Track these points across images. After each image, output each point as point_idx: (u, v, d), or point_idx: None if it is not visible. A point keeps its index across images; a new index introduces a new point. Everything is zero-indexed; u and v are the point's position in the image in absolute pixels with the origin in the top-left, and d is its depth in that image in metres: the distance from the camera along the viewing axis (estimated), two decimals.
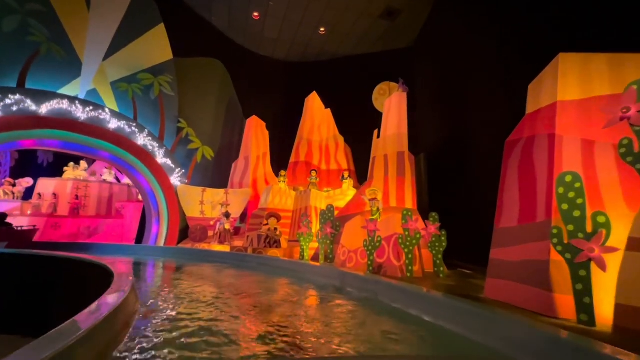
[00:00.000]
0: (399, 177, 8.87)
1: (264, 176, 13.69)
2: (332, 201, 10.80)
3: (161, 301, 4.09)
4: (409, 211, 6.62)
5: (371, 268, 6.55)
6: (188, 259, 9.44)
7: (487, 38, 8.54)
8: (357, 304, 4.20)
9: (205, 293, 4.57)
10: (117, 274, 4.27)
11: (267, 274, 6.85)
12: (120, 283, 3.65)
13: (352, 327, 3.22)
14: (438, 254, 6.55)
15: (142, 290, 4.69)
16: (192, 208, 12.33)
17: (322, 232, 7.75)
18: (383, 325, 3.36)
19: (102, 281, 4.09)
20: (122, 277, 4.05)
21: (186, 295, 4.39)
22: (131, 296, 3.34)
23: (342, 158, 13.51)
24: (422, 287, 4.32)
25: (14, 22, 9.05)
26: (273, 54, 17.91)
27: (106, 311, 2.30)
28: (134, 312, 3.25)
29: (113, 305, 2.51)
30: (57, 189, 15.82)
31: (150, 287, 5.22)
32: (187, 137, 13.35)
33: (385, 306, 4.08)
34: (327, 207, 8.49)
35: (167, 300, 4.17)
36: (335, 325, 3.25)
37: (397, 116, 9.56)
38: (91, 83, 10.95)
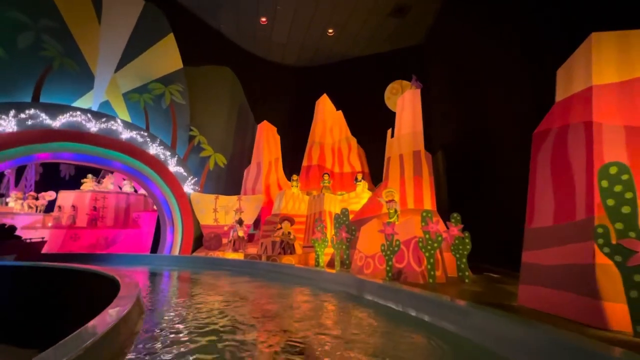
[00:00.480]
0: (416, 177, 8.48)
1: (276, 181, 13.52)
2: (346, 205, 10.48)
3: (172, 314, 3.88)
4: (429, 212, 6.23)
5: (390, 274, 6.18)
6: (202, 268, 9.30)
7: (504, 25, 8.09)
8: (377, 315, 3.87)
9: (220, 308, 4.34)
10: (122, 285, 4.13)
11: (283, 283, 6.59)
12: (124, 295, 3.51)
13: (377, 343, 2.89)
14: (462, 258, 6.12)
15: (154, 304, 4.51)
16: (205, 216, 12.26)
17: (337, 237, 7.44)
18: (407, 339, 3.03)
19: (108, 292, 3.98)
20: (127, 288, 3.89)
21: (198, 308, 4.17)
22: (135, 309, 3.19)
23: (355, 160, 13.19)
24: (447, 296, 3.95)
25: (28, 39, 9.25)
26: (282, 59, 17.83)
27: (107, 325, 2.22)
28: (137, 326, 3.12)
29: (115, 319, 2.42)
30: (76, 201, 16.14)
31: (162, 300, 5.03)
32: (199, 145, 13.36)
33: (409, 317, 3.73)
34: (342, 210, 8.19)
35: (178, 313, 3.96)
36: (356, 340, 2.94)
37: (411, 114, 9.18)
38: (104, 95, 11.09)
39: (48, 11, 9.79)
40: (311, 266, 8.58)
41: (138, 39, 12.00)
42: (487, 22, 9.04)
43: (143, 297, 4.77)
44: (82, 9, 10.66)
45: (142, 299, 4.28)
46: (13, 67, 8.90)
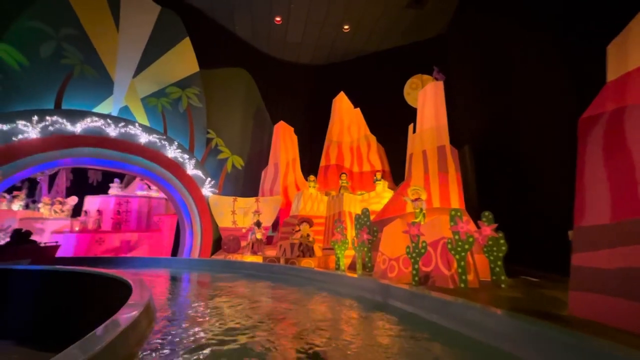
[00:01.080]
0: (441, 174, 7.97)
1: (294, 182, 13.27)
2: (367, 205, 10.07)
3: (185, 320, 3.64)
4: (458, 211, 5.75)
5: (417, 278, 5.74)
6: (221, 271, 9.14)
7: (532, 7, 7.45)
8: (404, 325, 3.47)
9: (236, 315, 4.07)
10: (134, 289, 3.97)
11: (302, 287, 6.27)
12: (134, 301, 3.36)
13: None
14: (497, 260, 5.59)
15: (168, 309, 4.30)
16: (224, 218, 12.17)
17: (359, 239, 7.05)
18: (443, 356, 2.62)
19: (121, 297, 3.89)
20: (138, 294, 3.72)
21: (213, 315, 3.92)
22: (145, 315, 3.06)
23: (375, 158, 12.73)
24: (485, 305, 3.48)
25: (50, 48, 9.47)
26: (298, 58, 17.62)
27: (114, 332, 2.19)
28: (146, 332, 3.00)
29: (123, 325, 2.38)
30: (101, 205, 16.57)
31: (176, 305, 4.83)
32: (217, 148, 13.32)
33: (442, 328, 3.31)
34: (362, 211, 7.81)
35: (192, 319, 3.72)
36: (380, 354, 2.57)
37: (434, 107, 8.68)
38: (123, 100, 11.23)
39: (69, 20, 10.00)
40: (331, 269, 8.23)
41: (155, 44, 12.11)
42: (514, 6, 8.40)
43: (159, 302, 4.59)
44: (101, 17, 10.85)
45: (152, 305, 4.09)
46: (36, 75, 9.12)
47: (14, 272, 7.10)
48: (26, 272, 6.20)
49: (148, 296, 3.81)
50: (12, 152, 7.93)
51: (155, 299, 4.97)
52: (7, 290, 7.54)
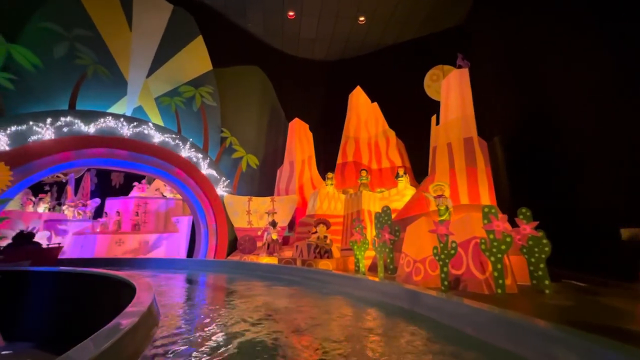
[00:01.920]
0: (469, 168, 7.33)
1: (310, 181, 12.85)
2: (387, 203, 9.53)
3: (189, 324, 3.27)
4: (492, 208, 5.14)
5: (446, 283, 5.17)
6: (236, 273, 8.84)
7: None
8: (438, 340, 2.95)
9: (248, 320, 3.67)
10: (137, 292, 3.80)
11: (319, 291, 5.83)
12: (135, 305, 3.18)
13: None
14: (539, 263, 4.94)
15: (178, 316, 3.96)
16: (239, 218, 11.90)
17: (380, 239, 6.52)
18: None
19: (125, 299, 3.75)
20: (140, 298, 3.51)
21: (224, 321, 3.53)
22: (146, 320, 2.91)
23: (394, 154, 12.12)
24: (538, 319, 2.91)
25: (63, 48, 9.47)
26: (312, 54, 17.20)
27: (112, 338, 2.10)
28: (147, 338, 2.89)
29: (122, 330, 2.27)
30: (121, 207, 16.75)
31: (188, 310, 4.49)
32: (231, 147, 13.09)
33: (482, 345, 2.77)
34: (383, 209, 7.27)
35: (200, 323, 3.35)
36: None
37: (459, 96, 8.04)
38: (137, 100, 11.16)
39: (81, 21, 10.00)
40: (350, 272, 7.75)
41: (168, 43, 12.01)
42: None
43: (166, 309, 4.28)
44: (113, 17, 10.81)
45: (155, 309, 3.77)
46: (50, 76, 9.13)
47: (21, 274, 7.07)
48: (27, 274, 6.09)
49: (149, 302, 3.50)
50: (27, 154, 7.91)
51: (164, 304, 4.67)
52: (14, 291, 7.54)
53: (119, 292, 4.93)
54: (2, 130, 7.68)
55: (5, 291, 8.25)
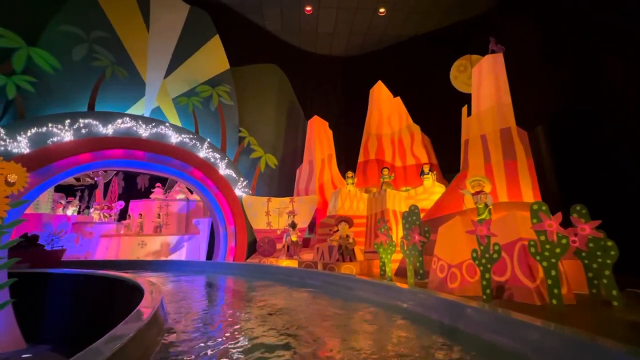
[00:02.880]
0: (507, 162, 6.59)
1: (330, 180, 12.35)
2: (414, 202, 8.89)
3: (200, 334, 2.86)
4: (542, 205, 4.44)
5: (488, 291, 4.51)
6: (255, 276, 8.47)
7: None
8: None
9: (273, 338, 3.22)
10: (146, 294, 3.71)
11: (344, 298, 5.32)
12: (140, 312, 3.00)
13: None
14: (604, 269, 4.20)
15: (188, 324, 3.57)
16: (258, 220, 11.58)
17: (409, 241, 5.91)
18: None
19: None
20: (146, 303, 3.35)
21: (237, 332, 3.10)
22: (150, 327, 2.72)
23: (420, 151, 11.40)
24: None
25: (82, 51, 9.49)
26: (331, 50, 16.73)
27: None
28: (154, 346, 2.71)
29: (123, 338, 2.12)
30: (143, 209, 16.95)
31: (200, 318, 4.10)
32: (249, 146, 12.82)
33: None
34: (410, 208, 6.64)
35: (211, 333, 2.93)
36: None
37: (493, 84, 7.30)
38: (155, 101, 11.10)
39: (99, 23, 10.02)
40: (375, 276, 7.19)
41: (185, 43, 11.90)
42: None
43: (178, 315, 3.91)
44: (131, 19, 10.80)
45: (162, 315, 3.41)
46: (69, 78, 9.16)
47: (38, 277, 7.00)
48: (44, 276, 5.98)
49: (155, 306, 3.18)
50: (47, 156, 7.91)
51: (175, 310, 4.32)
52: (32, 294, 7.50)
53: (132, 296, 4.68)
54: (23, 132, 7.71)
55: (25, 293, 8.32)
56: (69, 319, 7.83)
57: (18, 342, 7.75)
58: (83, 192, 22.94)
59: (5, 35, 7.91)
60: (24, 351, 7.56)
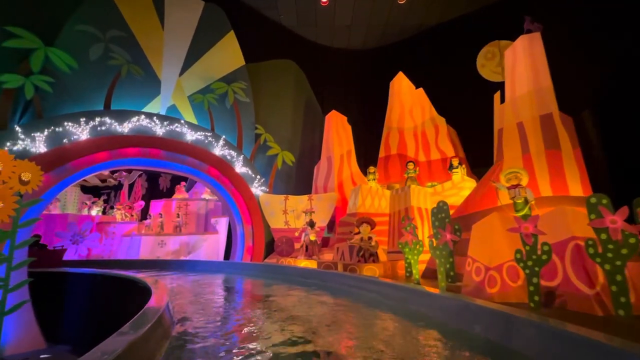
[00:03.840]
0: (549, 152, 5.88)
1: (350, 177, 11.84)
2: (441, 198, 8.27)
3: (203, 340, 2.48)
4: (602, 198, 3.78)
5: (536, 298, 3.90)
6: (273, 277, 8.11)
7: None
8: None
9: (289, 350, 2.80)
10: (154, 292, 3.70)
11: (366, 304, 4.84)
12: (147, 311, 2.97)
13: None
14: None
15: (198, 329, 3.21)
16: (275, 218, 11.24)
17: (439, 240, 5.33)
18: None
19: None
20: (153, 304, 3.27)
21: (251, 342, 2.70)
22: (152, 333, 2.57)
23: (445, 144, 10.69)
24: None
25: (99, 50, 9.47)
26: (348, 43, 16.20)
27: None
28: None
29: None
30: (163, 209, 17.04)
31: (211, 324, 3.74)
32: (266, 144, 12.52)
33: None
34: (439, 204, 6.02)
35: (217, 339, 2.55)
36: None
37: (530, 66, 6.59)
38: (170, 99, 10.99)
39: (115, 22, 9.98)
40: (401, 278, 6.65)
41: (200, 40, 11.73)
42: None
43: (186, 318, 3.57)
44: (146, 17, 10.74)
45: (167, 319, 3.07)
46: (85, 78, 9.16)
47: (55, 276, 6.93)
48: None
49: (158, 312, 2.97)
50: (64, 155, 7.88)
51: (184, 312, 3.99)
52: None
53: (144, 297, 4.43)
54: (40, 132, 7.70)
55: (46, 293, 8.35)
56: (88, 320, 7.79)
57: (38, 342, 7.81)
58: (109, 194, 23.61)
59: (24, 36, 7.95)
60: (43, 351, 7.59)
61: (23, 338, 7.24)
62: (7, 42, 7.78)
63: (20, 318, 7.25)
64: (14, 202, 4.84)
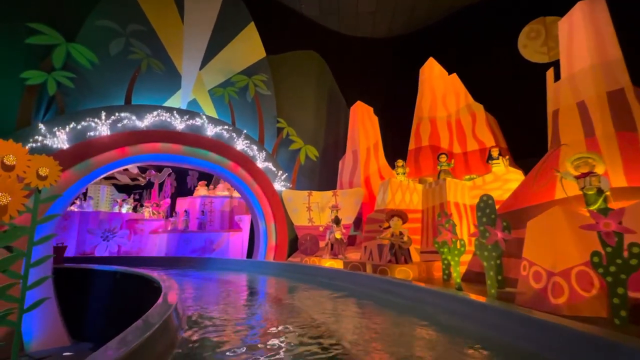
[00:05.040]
0: (622, 134, 4.92)
1: (377, 171, 11.11)
2: (481, 192, 7.40)
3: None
4: None
5: (623, 313, 3.09)
6: (296, 278, 7.62)
7: None
8: None
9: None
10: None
11: (397, 311, 4.19)
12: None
13: None
14: None
15: (210, 340, 2.73)
16: (299, 215, 10.74)
17: (489, 239, 4.54)
18: None
19: None
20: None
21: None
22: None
23: (484, 133, 9.70)
24: None
25: (119, 45, 9.37)
26: (373, 31, 15.39)
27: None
28: None
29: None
30: (189, 206, 17.11)
31: (224, 335, 3.26)
32: (288, 137, 12.05)
33: None
34: (482, 198, 5.19)
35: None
36: None
37: (594, 35, 5.61)
38: (191, 94, 10.77)
39: (135, 16, 9.85)
40: (438, 281, 5.92)
41: (220, 33, 11.43)
42: None
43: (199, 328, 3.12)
44: (166, 11, 10.56)
45: (174, 323, 2.63)
46: (106, 73, 9.08)
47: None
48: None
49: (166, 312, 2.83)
50: (85, 151, 7.80)
51: (203, 314, 3.54)
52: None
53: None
54: (61, 128, 7.63)
55: (72, 290, 8.34)
56: (110, 317, 7.70)
57: (62, 339, 7.81)
58: (142, 193, 24.35)
59: (46, 32, 7.93)
60: (66, 349, 7.56)
61: (47, 335, 7.25)
62: (30, 38, 7.78)
63: (45, 315, 7.27)
64: (23, 197, 4.65)
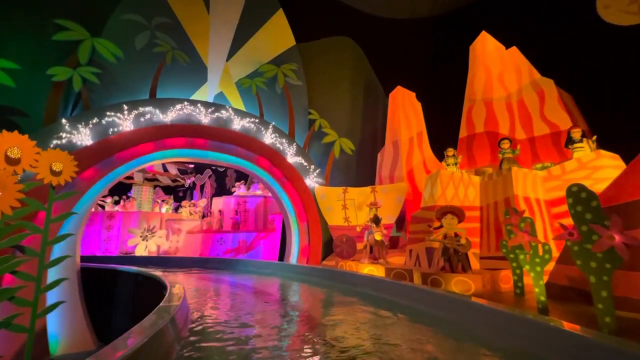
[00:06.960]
0: None
1: (422, 163, 9.80)
2: (560, 183, 5.92)
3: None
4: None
5: None
6: (331, 287, 6.60)
7: None
8: None
9: None
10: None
11: (456, 339, 3.03)
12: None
13: None
14: None
15: None
16: (333, 214, 9.75)
17: (598, 243, 3.17)
18: None
19: None
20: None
21: None
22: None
23: (556, 113, 7.99)
24: None
25: (144, 38, 9.11)
26: (412, 12, 14.00)
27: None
28: None
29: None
30: (223, 206, 16.93)
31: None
32: (321, 130, 11.14)
33: None
34: (575, 188, 3.77)
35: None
36: None
37: None
38: (217, 86, 10.27)
39: (161, 9, 9.57)
40: (507, 297, 4.61)
41: (247, 22, 10.85)
42: None
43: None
44: (192, 2, 10.18)
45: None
46: (131, 67, 8.85)
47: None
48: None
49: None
50: (109, 147, 7.52)
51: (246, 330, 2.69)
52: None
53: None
54: (85, 123, 7.41)
55: (98, 291, 8.11)
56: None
57: (87, 343, 7.56)
58: (185, 193, 25.09)
59: (72, 28, 7.80)
60: (91, 352, 7.30)
61: (73, 339, 7.02)
62: (56, 35, 7.66)
63: (70, 318, 7.05)
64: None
